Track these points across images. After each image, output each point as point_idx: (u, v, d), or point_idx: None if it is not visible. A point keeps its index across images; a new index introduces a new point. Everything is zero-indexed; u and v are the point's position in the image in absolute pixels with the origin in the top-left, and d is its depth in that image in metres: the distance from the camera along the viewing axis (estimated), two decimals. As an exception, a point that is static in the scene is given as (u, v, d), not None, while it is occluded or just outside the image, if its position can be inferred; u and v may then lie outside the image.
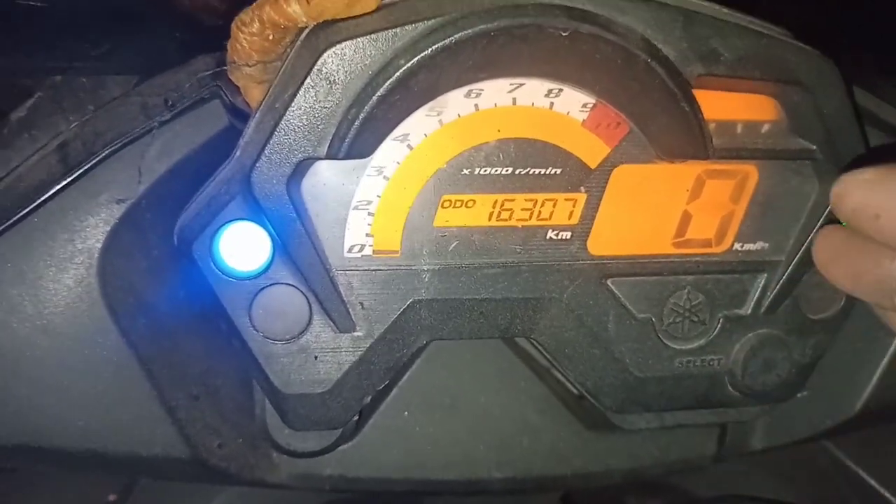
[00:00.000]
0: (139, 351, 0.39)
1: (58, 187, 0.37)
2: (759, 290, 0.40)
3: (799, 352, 0.41)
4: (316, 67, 0.33)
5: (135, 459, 0.40)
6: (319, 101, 0.33)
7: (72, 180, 0.37)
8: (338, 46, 0.33)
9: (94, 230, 0.37)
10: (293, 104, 0.33)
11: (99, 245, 0.38)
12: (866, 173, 0.33)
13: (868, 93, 0.41)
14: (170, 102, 0.38)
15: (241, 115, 0.38)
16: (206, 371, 0.41)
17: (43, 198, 0.37)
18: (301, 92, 0.33)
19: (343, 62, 0.33)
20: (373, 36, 0.33)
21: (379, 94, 0.33)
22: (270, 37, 0.35)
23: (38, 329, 0.37)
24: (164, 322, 0.40)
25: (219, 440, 0.42)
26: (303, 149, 0.34)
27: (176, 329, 0.40)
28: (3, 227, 0.37)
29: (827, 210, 0.39)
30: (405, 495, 0.52)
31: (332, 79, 0.33)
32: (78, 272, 0.38)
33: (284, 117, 0.33)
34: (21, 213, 0.37)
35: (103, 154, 0.37)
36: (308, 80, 0.33)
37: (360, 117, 0.33)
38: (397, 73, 0.33)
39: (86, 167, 0.37)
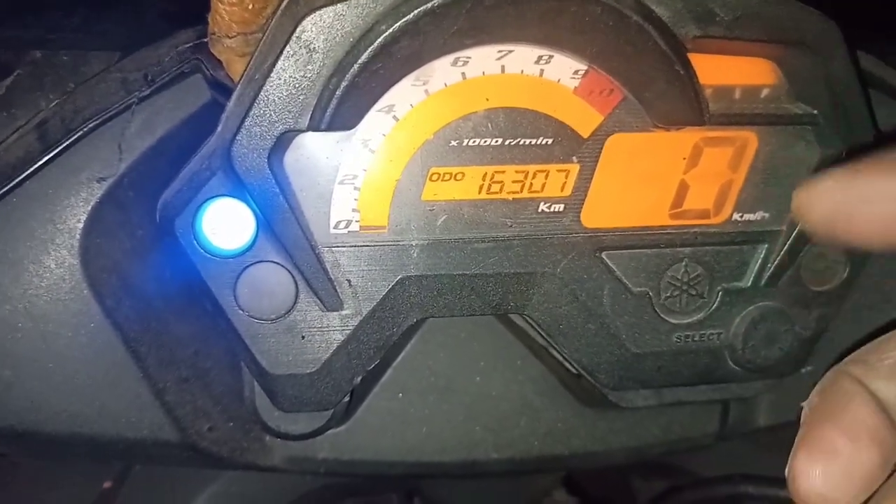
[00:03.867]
0: (125, 332, 0.38)
1: (37, 165, 0.36)
2: (760, 261, 0.39)
3: (802, 324, 0.40)
4: (295, 35, 0.32)
5: (124, 444, 0.39)
6: (299, 71, 0.32)
7: (51, 158, 0.36)
8: (317, 13, 0.32)
9: (75, 209, 0.37)
10: (272, 74, 0.32)
11: (80, 225, 0.37)
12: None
13: (871, 55, 0.39)
14: (149, 77, 0.37)
15: (223, 90, 0.37)
16: (194, 353, 0.41)
17: (22, 177, 0.36)
18: (280, 61, 0.32)
19: (323, 29, 0.32)
20: (353, 1, 0.32)
21: (360, 61, 0.32)
22: (250, 6, 0.34)
23: (21, 311, 0.37)
24: (150, 303, 0.39)
25: (209, 423, 0.41)
26: (284, 121, 0.33)
27: (162, 310, 0.40)
28: (-19, 207, 0.36)
29: None
30: (402, 478, 0.52)
31: (311, 47, 0.32)
32: (60, 253, 0.37)
33: (264, 88, 0.32)
34: None
35: (82, 131, 0.36)
36: (287, 48, 0.32)
37: (342, 87, 0.32)
38: (378, 40, 0.32)
39: (65, 144, 0.36)
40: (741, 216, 0.39)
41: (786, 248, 0.39)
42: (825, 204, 0.30)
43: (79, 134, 0.36)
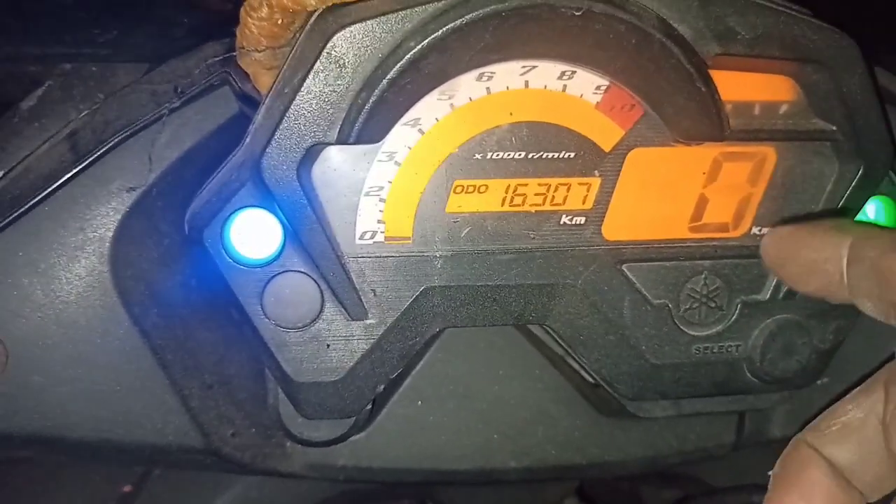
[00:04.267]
0: (152, 340, 0.39)
1: (68, 176, 0.37)
2: (778, 274, 0.40)
3: (819, 337, 0.41)
4: (325, 51, 0.32)
5: (148, 449, 0.40)
6: (329, 85, 0.33)
7: (82, 169, 0.37)
8: (347, 29, 0.32)
9: (104, 219, 0.37)
10: (303, 88, 0.33)
11: (110, 234, 0.37)
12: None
13: (888, 72, 0.40)
14: (179, 89, 0.38)
15: (251, 102, 0.37)
16: (219, 360, 0.41)
17: (53, 186, 0.37)
18: (310, 76, 0.32)
19: (352, 45, 0.32)
20: (382, 18, 0.32)
21: (389, 77, 0.32)
22: (279, 21, 0.35)
23: (51, 318, 0.37)
24: (177, 311, 0.40)
25: (232, 429, 0.42)
26: (313, 134, 0.33)
27: (188, 318, 0.40)
28: (13, 216, 0.36)
29: (847, 192, 0.38)
30: (420, 485, 0.52)
31: (341, 62, 0.32)
32: (89, 261, 0.37)
33: (294, 102, 0.33)
34: (31, 202, 0.36)
35: (113, 142, 0.37)
36: (317, 63, 0.32)
37: (371, 101, 0.33)
38: (407, 56, 0.32)
39: (96, 155, 0.37)
40: (760, 230, 0.39)
41: (803, 261, 0.39)
42: (773, 247, 0.37)
43: (109, 145, 0.37)
